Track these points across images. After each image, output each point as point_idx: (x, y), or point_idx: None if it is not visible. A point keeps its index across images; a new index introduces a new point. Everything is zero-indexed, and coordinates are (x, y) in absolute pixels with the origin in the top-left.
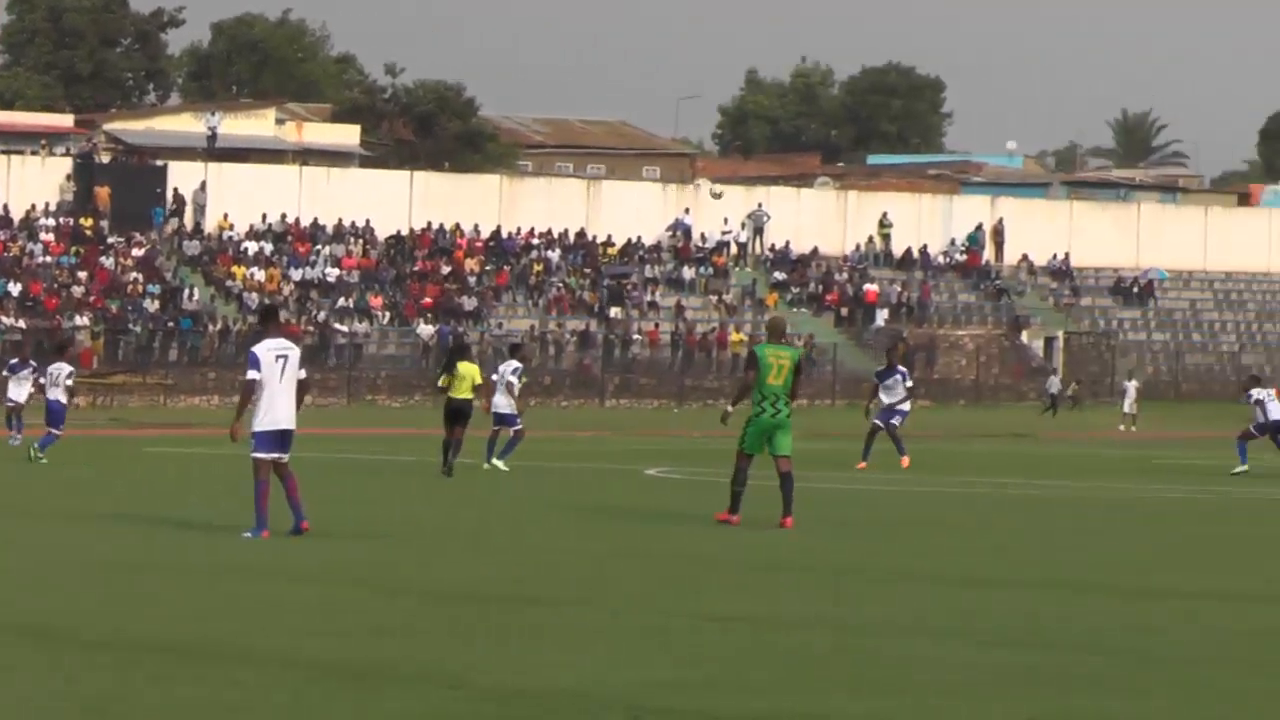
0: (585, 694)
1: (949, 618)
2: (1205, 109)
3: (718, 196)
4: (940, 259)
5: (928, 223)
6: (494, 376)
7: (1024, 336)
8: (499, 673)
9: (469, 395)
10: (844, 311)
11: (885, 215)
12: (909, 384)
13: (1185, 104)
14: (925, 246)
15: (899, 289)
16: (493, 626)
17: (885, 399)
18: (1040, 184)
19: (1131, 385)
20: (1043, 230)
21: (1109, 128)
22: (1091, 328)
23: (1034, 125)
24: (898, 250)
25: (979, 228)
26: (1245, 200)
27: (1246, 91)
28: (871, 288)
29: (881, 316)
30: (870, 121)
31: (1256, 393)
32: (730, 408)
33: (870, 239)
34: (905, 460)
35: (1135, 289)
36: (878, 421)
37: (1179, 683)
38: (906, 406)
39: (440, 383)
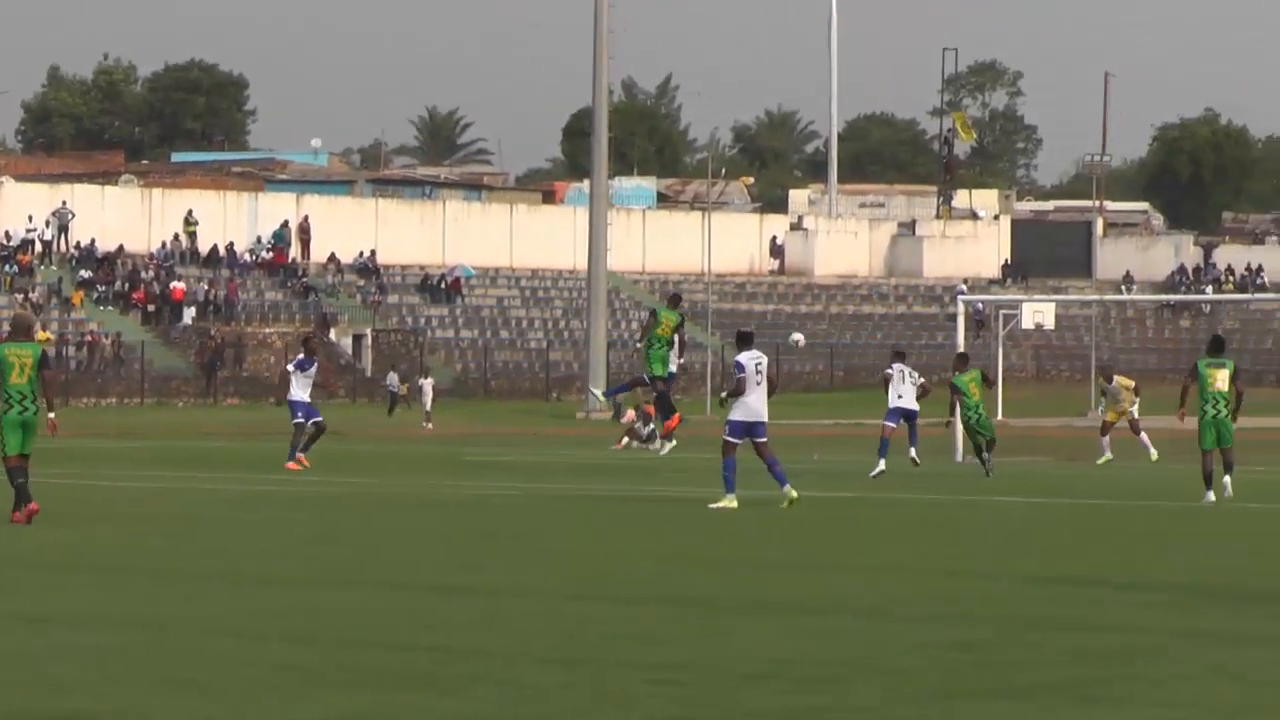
0: None
1: (255, 616)
2: (509, 107)
3: (798, 343)
4: (247, 257)
5: (233, 220)
6: None
7: (332, 334)
8: None
9: None
10: (151, 309)
11: (191, 213)
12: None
13: (490, 102)
14: (231, 244)
15: (206, 287)
16: None
17: (299, 392)
18: (346, 181)
19: (427, 383)
20: (349, 228)
21: (413, 126)
22: (400, 325)
23: (339, 123)
24: (204, 248)
25: (285, 225)
26: (550, 198)
27: (550, 90)
28: (179, 285)
29: (189, 314)
30: (174, 119)
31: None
32: None
33: (176, 236)
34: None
35: (442, 286)
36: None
37: (498, 679)
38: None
39: None
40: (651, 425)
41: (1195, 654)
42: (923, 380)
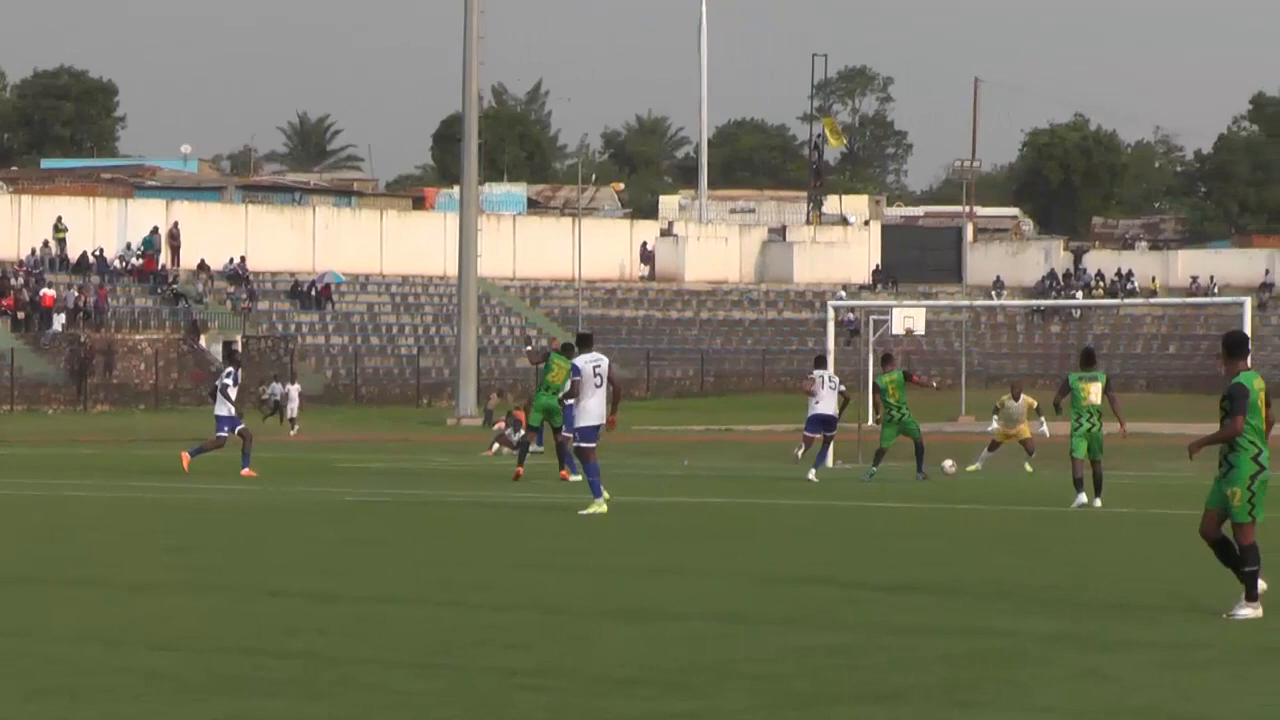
0: None
1: (122, 623)
2: (380, 114)
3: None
4: (117, 263)
5: (103, 227)
6: None
7: (203, 340)
8: None
9: None
10: (21, 316)
11: (60, 219)
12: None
13: (360, 109)
14: (101, 251)
15: (76, 293)
16: None
17: (230, 406)
18: (215, 188)
19: (294, 389)
20: (219, 234)
21: (283, 133)
22: (270, 331)
23: (208, 129)
24: (74, 254)
25: (154, 231)
26: (420, 204)
27: (420, 96)
28: (48, 292)
29: (59, 321)
30: (43, 125)
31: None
32: None
33: (46, 243)
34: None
35: (313, 292)
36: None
37: (367, 685)
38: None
39: None
40: (522, 432)
41: (1066, 657)
42: (843, 388)
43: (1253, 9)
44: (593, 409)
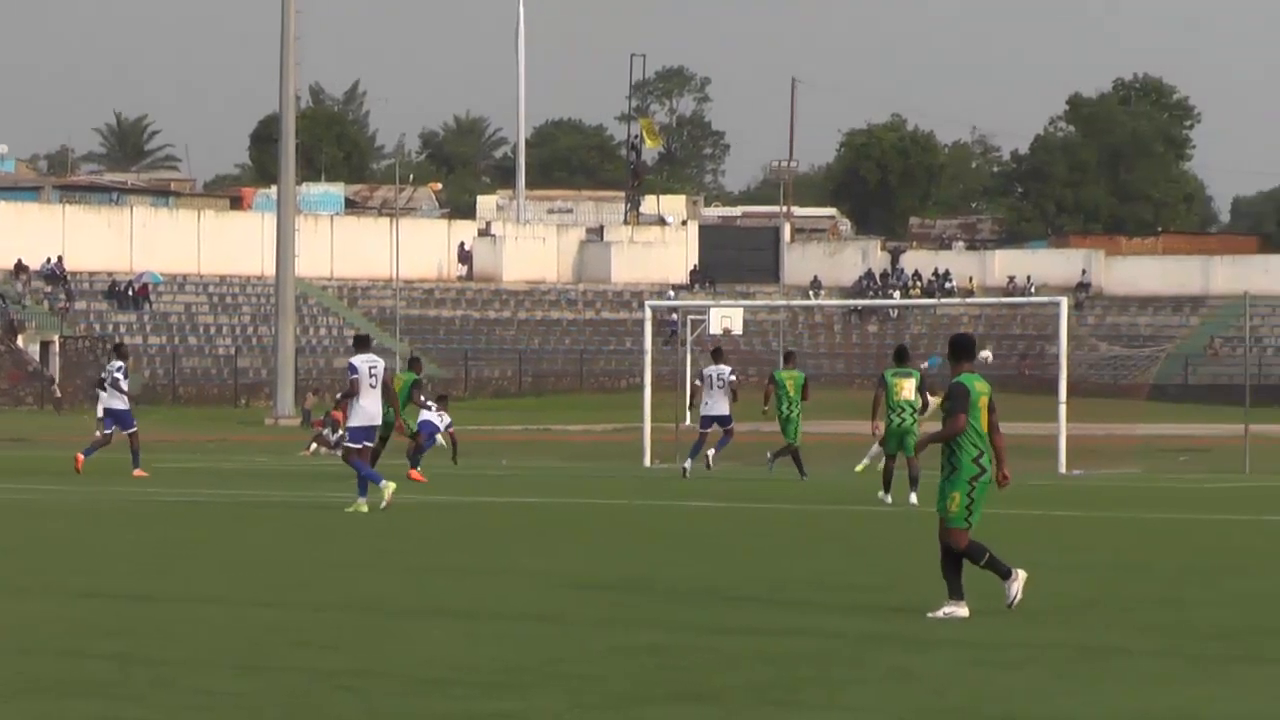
0: None
1: None
2: (197, 114)
3: (987, 359)
4: None
5: None
6: None
7: (20, 341)
8: None
9: None
10: None
11: None
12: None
13: (177, 108)
14: None
15: None
16: None
17: (121, 403)
18: (33, 188)
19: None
20: (36, 234)
21: (100, 133)
22: (87, 332)
23: (25, 129)
24: None
25: None
26: (238, 204)
27: (237, 96)
28: None
29: None
30: None
31: None
32: None
33: None
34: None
35: (130, 292)
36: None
37: (181, 686)
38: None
39: None
40: (340, 431)
41: (880, 657)
42: (733, 379)
43: (1069, 10)
44: (366, 409)
